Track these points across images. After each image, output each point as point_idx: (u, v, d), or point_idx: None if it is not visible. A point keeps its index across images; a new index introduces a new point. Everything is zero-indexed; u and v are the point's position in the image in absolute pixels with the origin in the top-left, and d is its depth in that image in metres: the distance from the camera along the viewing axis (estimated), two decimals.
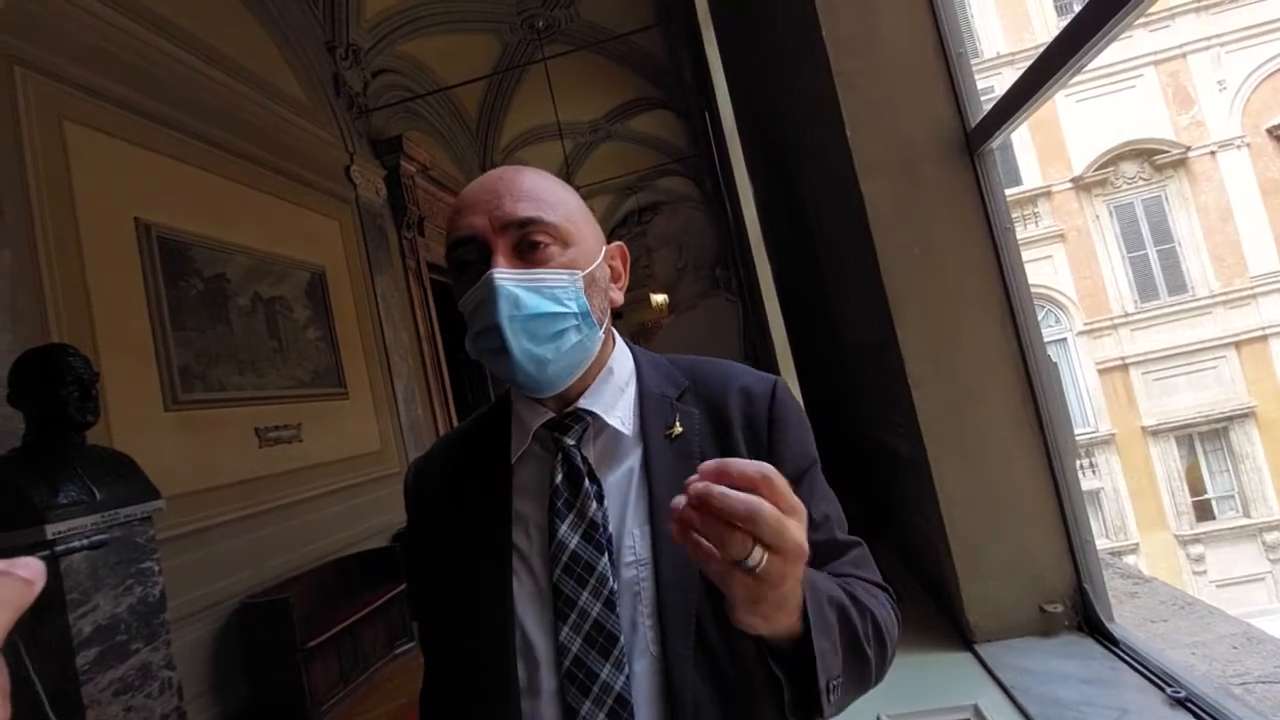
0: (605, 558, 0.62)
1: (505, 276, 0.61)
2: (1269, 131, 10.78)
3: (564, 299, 0.63)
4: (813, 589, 0.52)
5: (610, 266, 0.71)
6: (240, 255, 4.24)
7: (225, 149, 4.33)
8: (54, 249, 3.06)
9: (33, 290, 2.94)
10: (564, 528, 0.63)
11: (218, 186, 4.21)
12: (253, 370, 4.15)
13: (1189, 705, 0.93)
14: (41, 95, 3.15)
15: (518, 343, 0.61)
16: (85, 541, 2.38)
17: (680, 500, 0.43)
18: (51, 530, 2.25)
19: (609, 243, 0.72)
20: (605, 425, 0.68)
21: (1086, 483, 10.97)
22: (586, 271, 0.65)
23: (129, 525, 2.52)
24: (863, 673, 0.59)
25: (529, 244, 0.63)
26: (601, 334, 0.68)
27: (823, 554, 0.67)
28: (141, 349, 3.44)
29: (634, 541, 0.64)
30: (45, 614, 2.17)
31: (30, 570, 0.31)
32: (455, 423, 6.55)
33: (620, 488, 0.66)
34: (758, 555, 0.43)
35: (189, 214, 3.89)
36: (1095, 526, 10.50)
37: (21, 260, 2.92)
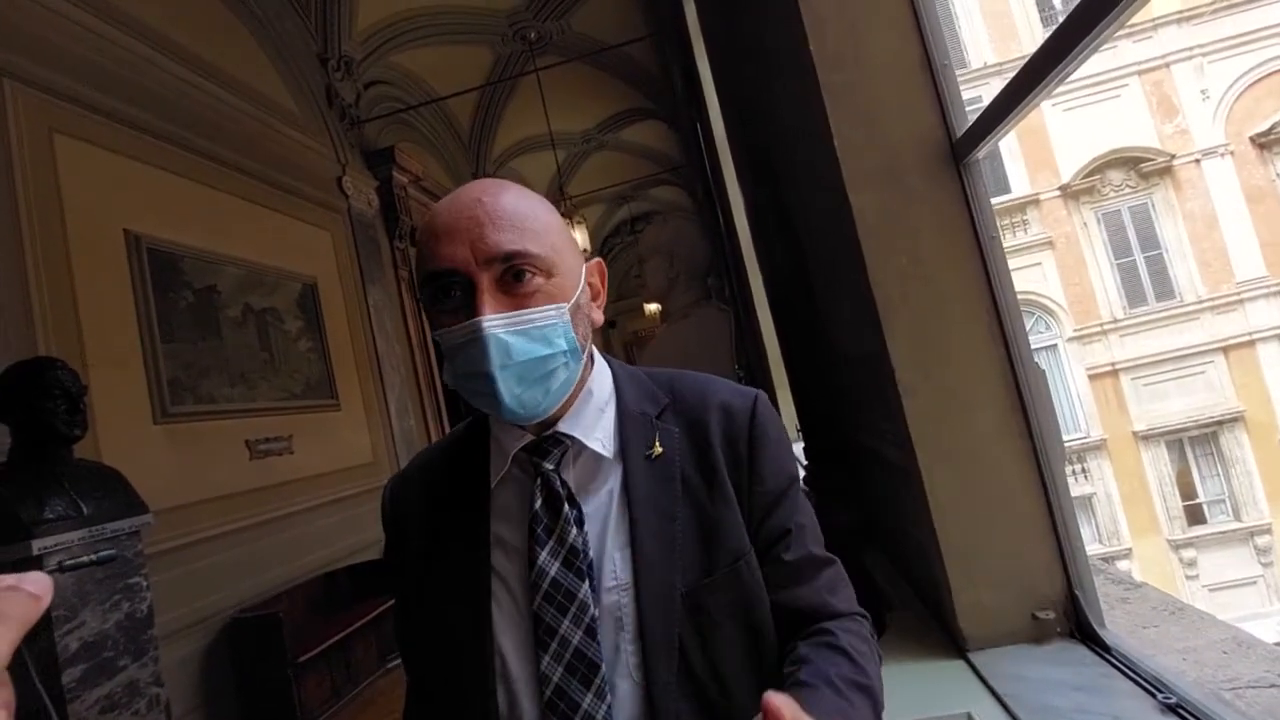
0: (586, 585, 0.61)
1: (495, 324, 0.58)
2: (1252, 139, 10.93)
3: (553, 337, 0.61)
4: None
5: (590, 285, 0.69)
6: (231, 266, 4.23)
7: (216, 160, 4.32)
8: (42, 261, 3.04)
9: (20, 303, 2.92)
10: (544, 554, 0.62)
11: (209, 198, 4.20)
12: (243, 382, 4.13)
13: (1180, 711, 0.93)
14: (31, 108, 3.14)
15: (508, 389, 0.59)
16: (94, 556, 2.35)
17: None
18: (38, 546, 2.22)
19: (598, 255, 0.72)
20: (584, 448, 0.67)
21: (1079, 488, 11.01)
22: (571, 301, 0.63)
23: (117, 540, 2.49)
24: None
25: (514, 274, 0.60)
26: (584, 359, 0.67)
27: (797, 572, 0.67)
28: (130, 361, 3.41)
29: (615, 566, 0.63)
30: (30, 630, 2.14)
31: (38, 585, 0.31)
32: (447, 434, 6.50)
33: (600, 511, 0.65)
34: None
35: (179, 225, 3.88)
36: (1088, 532, 10.54)
37: (9, 273, 2.90)
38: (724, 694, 0.60)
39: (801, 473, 3.16)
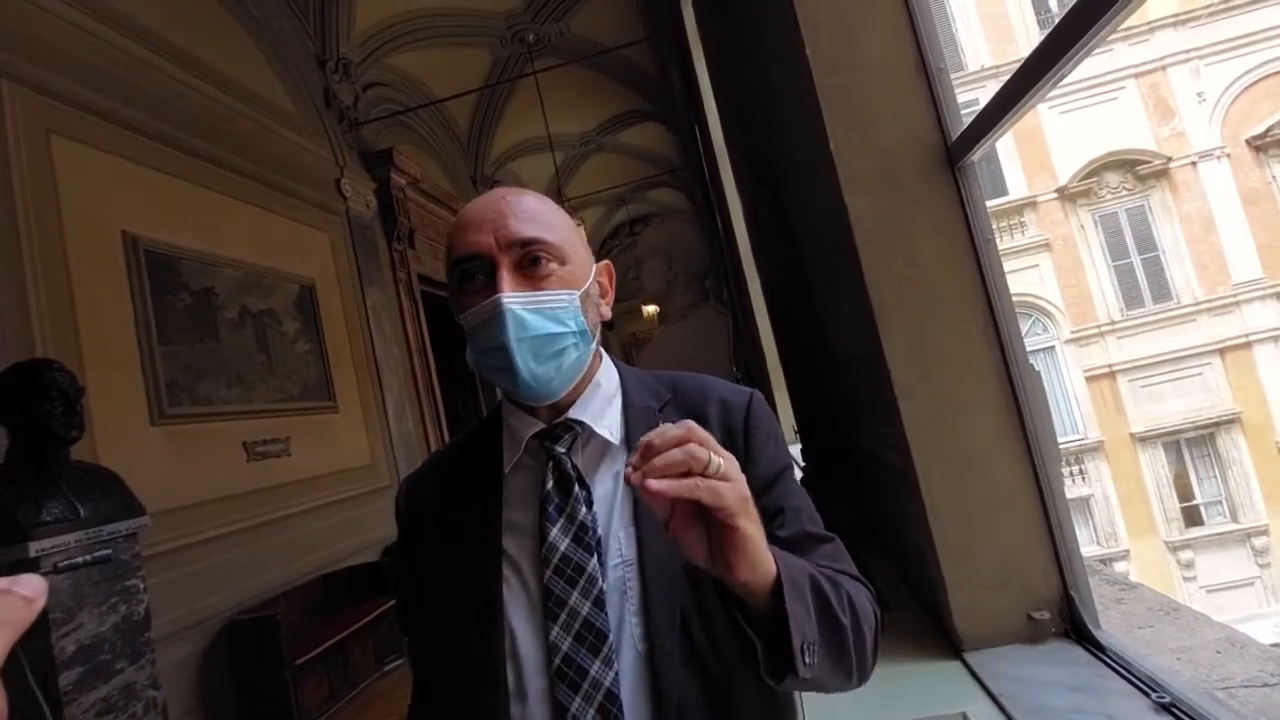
0: (594, 559, 0.65)
1: (513, 300, 0.64)
2: (1248, 142, 10.97)
3: (565, 319, 0.67)
4: (784, 558, 0.56)
5: (599, 283, 0.75)
6: (229, 268, 4.22)
7: (214, 162, 4.32)
8: (40, 263, 3.04)
9: (18, 304, 2.91)
10: (555, 531, 0.66)
11: (206, 200, 4.20)
12: (241, 384, 4.12)
13: (1174, 710, 0.94)
14: (29, 109, 3.14)
15: (523, 362, 0.64)
16: (89, 557, 2.35)
17: (630, 473, 0.49)
18: (35, 548, 2.22)
19: (595, 257, 0.76)
20: (594, 434, 0.71)
21: (1076, 490, 11.02)
22: (582, 289, 0.69)
23: (113, 542, 2.48)
24: (840, 641, 0.60)
25: (531, 259, 0.67)
26: (594, 347, 0.72)
27: (795, 546, 0.69)
28: (128, 363, 3.41)
29: (620, 544, 0.67)
30: (27, 633, 2.13)
31: (31, 588, 0.31)
32: (446, 436, 6.51)
33: (607, 493, 0.69)
34: (713, 459, 0.50)
35: (177, 227, 3.88)
36: (1086, 534, 10.52)
37: (6, 274, 2.89)
38: (721, 663, 0.63)
39: (799, 473, 3.16)
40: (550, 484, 0.68)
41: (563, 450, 0.69)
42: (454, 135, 8.21)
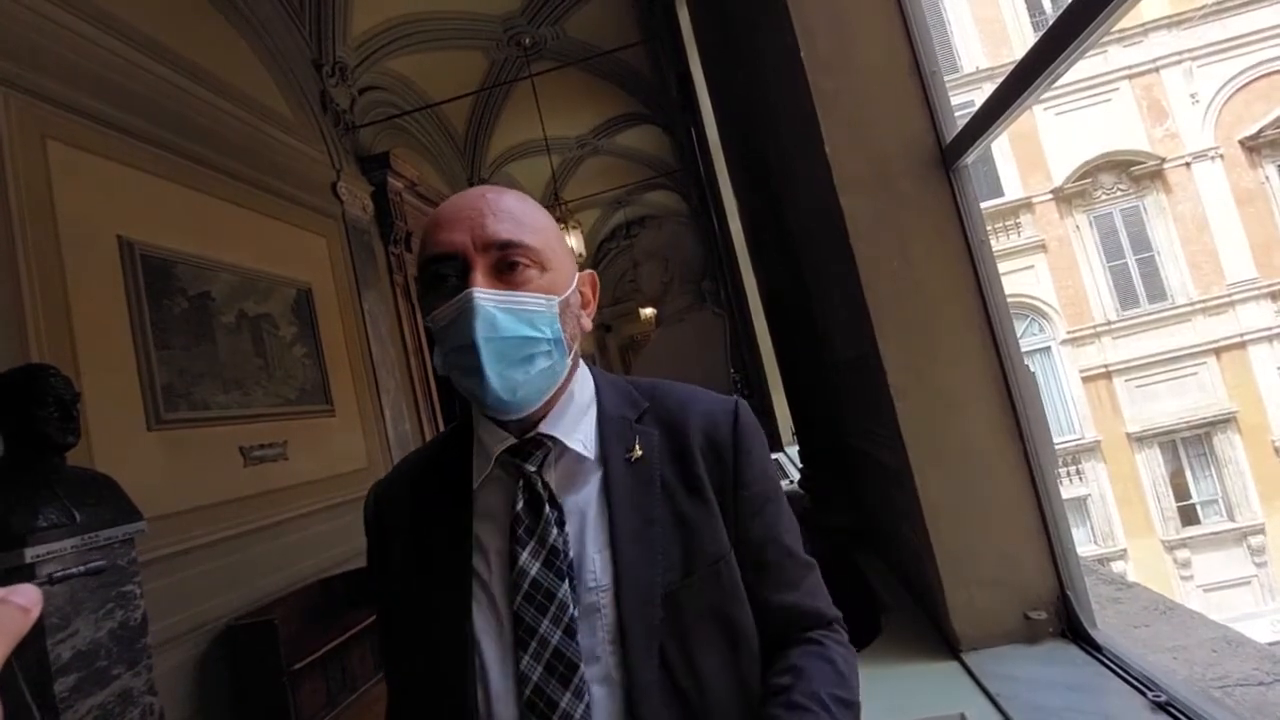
0: (566, 584, 0.62)
1: (485, 297, 0.60)
2: (1242, 143, 11.03)
3: (539, 324, 0.63)
4: None
5: (581, 293, 0.71)
6: (225, 273, 4.22)
7: (210, 166, 4.32)
8: (35, 268, 3.03)
9: (13, 309, 2.90)
10: (525, 555, 0.63)
11: (203, 204, 4.19)
12: (238, 388, 4.11)
13: (1170, 709, 0.94)
14: (24, 113, 3.13)
15: (491, 364, 0.60)
16: (83, 568, 2.34)
17: None
18: (30, 554, 2.21)
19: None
20: (566, 449, 0.68)
21: (1073, 490, 11.04)
22: (562, 297, 0.66)
23: (110, 548, 2.48)
24: None
25: (508, 264, 0.63)
26: (570, 360, 0.68)
27: (789, 574, 0.69)
28: (124, 368, 3.40)
29: (595, 567, 0.64)
30: (21, 641, 2.12)
31: (27, 598, 0.31)
32: (429, 440, 6.48)
33: (580, 511, 0.66)
34: None
35: (173, 232, 3.87)
36: (1083, 533, 10.52)
37: (2, 279, 2.88)
38: (701, 694, 0.61)
39: (796, 475, 3.16)
40: (520, 504, 0.65)
41: (533, 468, 0.66)
42: (450, 138, 8.22)
